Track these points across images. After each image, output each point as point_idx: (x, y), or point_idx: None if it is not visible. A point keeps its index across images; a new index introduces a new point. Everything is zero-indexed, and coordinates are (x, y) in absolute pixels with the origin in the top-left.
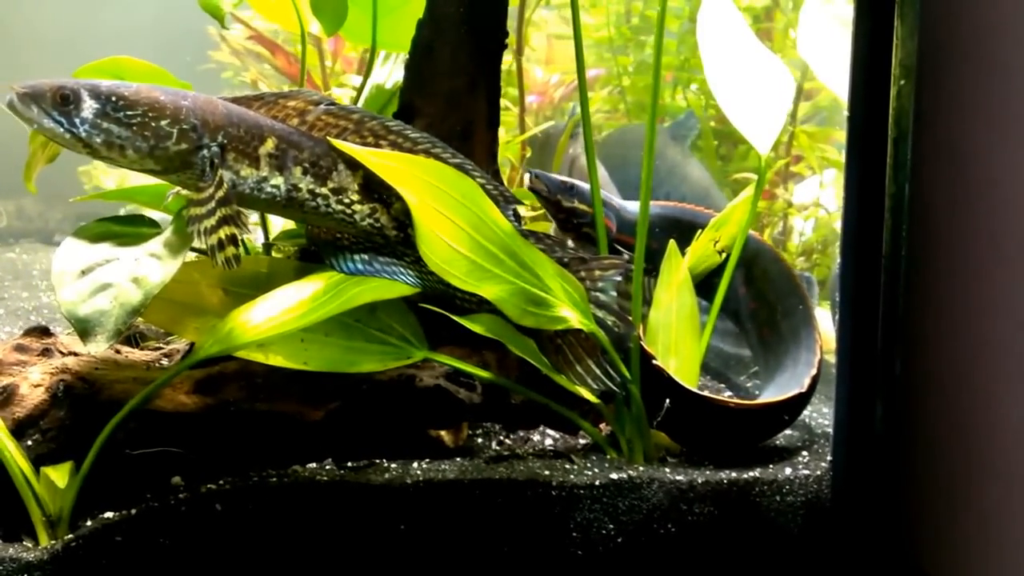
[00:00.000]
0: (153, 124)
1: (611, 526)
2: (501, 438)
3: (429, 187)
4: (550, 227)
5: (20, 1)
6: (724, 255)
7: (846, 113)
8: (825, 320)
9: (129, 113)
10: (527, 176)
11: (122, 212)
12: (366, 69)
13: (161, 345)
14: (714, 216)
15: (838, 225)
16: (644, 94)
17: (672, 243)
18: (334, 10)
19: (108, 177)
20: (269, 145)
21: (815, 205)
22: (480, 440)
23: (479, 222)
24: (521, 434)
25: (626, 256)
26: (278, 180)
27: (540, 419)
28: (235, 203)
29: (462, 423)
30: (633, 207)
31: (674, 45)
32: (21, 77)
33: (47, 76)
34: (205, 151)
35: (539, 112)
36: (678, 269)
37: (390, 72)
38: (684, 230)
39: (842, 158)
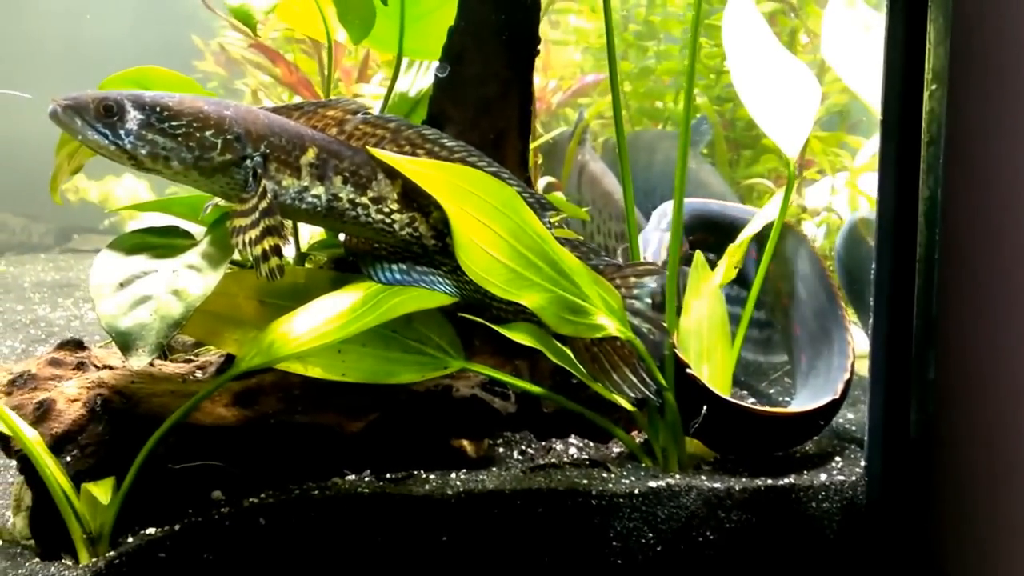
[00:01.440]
0: (198, 135)
1: (650, 535)
2: (523, 447)
3: (468, 195)
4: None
5: None
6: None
7: (879, 118)
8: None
9: (174, 124)
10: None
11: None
12: (392, 77)
13: (191, 357)
14: (749, 212)
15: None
16: (646, 99)
17: (698, 253)
18: (362, 18)
19: (92, 189)
20: (310, 155)
21: (827, 210)
22: (501, 450)
23: (518, 230)
24: (543, 443)
25: (660, 262)
26: (319, 190)
27: (571, 427)
28: (278, 214)
29: (494, 433)
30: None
31: (676, 50)
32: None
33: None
34: (248, 161)
35: (536, 118)
36: (708, 277)
37: (413, 80)
38: (724, 228)
39: (853, 162)
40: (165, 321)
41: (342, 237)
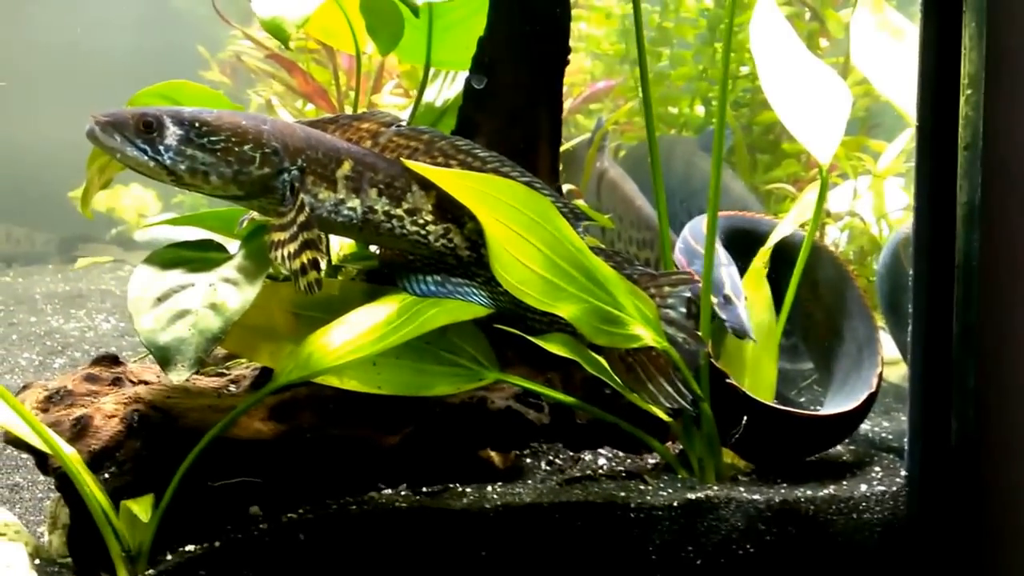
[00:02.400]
0: (236, 149)
1: (690, 548)
2: (550, 458)
3: (503, 206)
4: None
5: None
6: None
7: (914, 124)
8: None
9: (213, 139)
10: None
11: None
12: (420, 88)
13: (223, 370)
14: (775, 223)
15: (875, 232)
16: (660, 105)
17: (756, 262)
18: (390, 30)
19: (99, 198)
20: (346, 167)
21: (850, 214)
22: (528, 460)
23: (554, 241)
24: (571, 454)
25: (694, 271)
26: (355, 202)
27: (604, 439)
28: (315, 227)
29: (527, 444)
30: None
31: (689, 55)
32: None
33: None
34: (286, 175)
35: None
36: (760, 288)
37: (439, 91)
38: (750, 241)
39: (877, 167)
40: (204, 335)
41: (374, 248)
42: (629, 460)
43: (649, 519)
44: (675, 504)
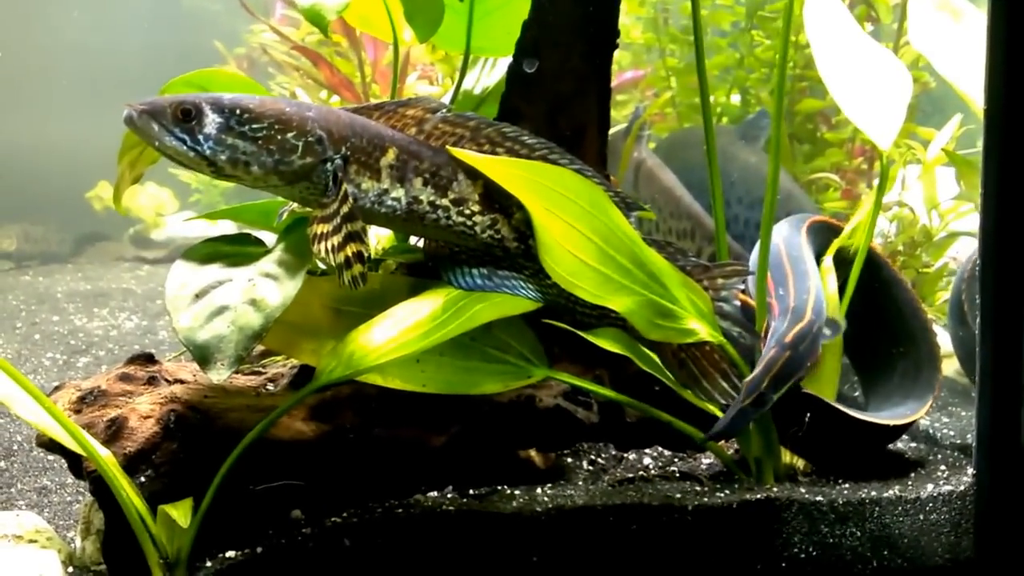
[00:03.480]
0: (279, 137)
1: (751, 552)
2: (592, 458)
3: (553, 195)
4: None
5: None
6: None
7: (982, 108)
8: None
9: (255, 127)
10: None
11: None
12: (460, 74)
13: (259, 368)
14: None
15: (925, 223)
16: (695, 95)
17: (827, 257)
18: (429, 16)
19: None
20: (390, 156)
21: (899, 204)
22: (569, 460)
23: (607, 231)
24: (613, 454)
25: (749, 262)
26: (399, 192)
27: (655, 438)
28: (359, 218)
29: (575, 444)
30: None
31: (725, 43)
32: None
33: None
34: (329, 164)
35: None
36: (830, 284)
37: (478, 78)
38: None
39: (927, 155)
40: (244, 332)
41: (414, 240)
42: (678, 460)
43: (708, 522)
44: (735, 506)
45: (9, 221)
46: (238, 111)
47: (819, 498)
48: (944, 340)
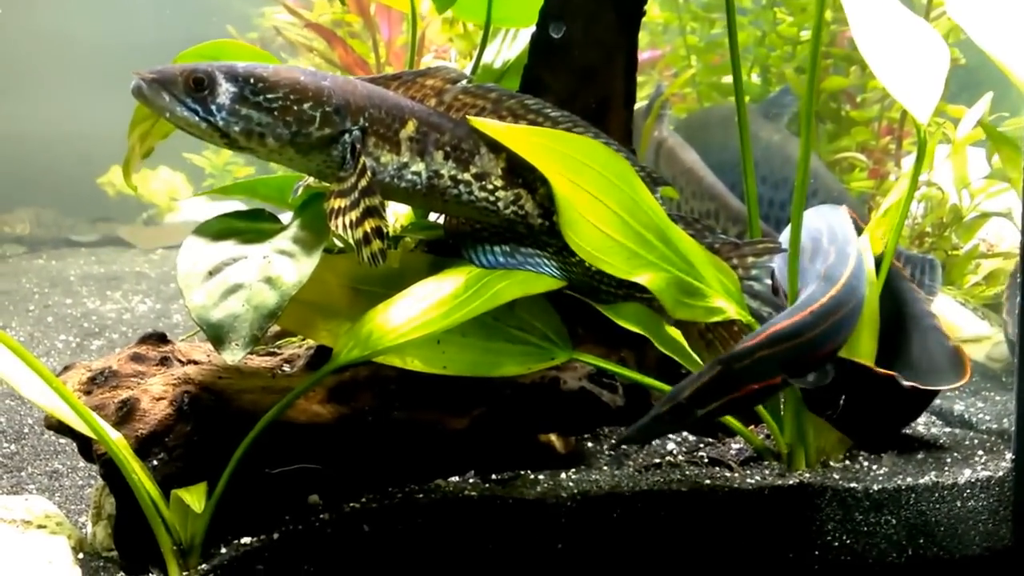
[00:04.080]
0: (295, 108)
1: (785, 540)
2: (612, 442)
3: (579, 167)
4: None
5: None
6: None
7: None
8: (948, 306)
9: (269, 96)
10: None
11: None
12: (480, 46)
13: (274, 349)
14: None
15: (955, 203)
16: (715, 74)
17: (864, 236)
18: None
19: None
20: (410, 128)
21: (928, 184)
22: (589, 444)
23: (633, 205)
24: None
25: (781, 239)
26: (419, 166)
27: None
28: (378, 193)
29: (599, 428)
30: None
31: (746, 21)
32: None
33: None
34: (347, 136)
35: None
36: (868, 263)
37: (498, 51)
38: None
39: (958, 133)
40: (259, 311)
41: (433, 217)
42: (704, 445)
43: (739, 509)
44: (767, 492)
45: (22, 205)
46: (252, 80)
47: (853, 484)
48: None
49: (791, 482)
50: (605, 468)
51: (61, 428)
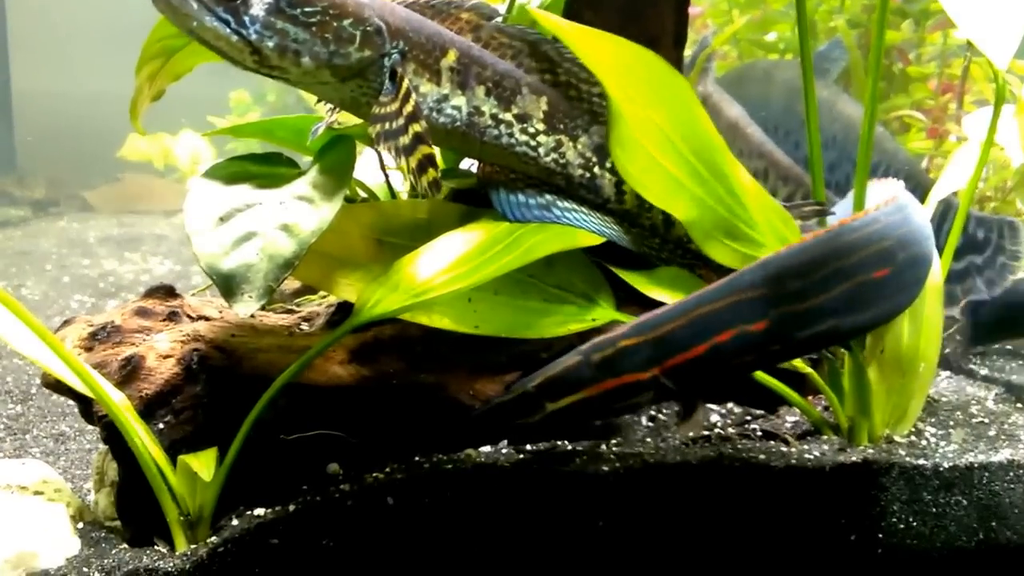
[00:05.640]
0: (335, 24)
1: (843, 520)
2: (652, 413)
3: (637, 79)
4: None
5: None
6: None
7: None
8: None
9: (307, 10)
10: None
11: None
12: None
13: (292, 307)
14: None
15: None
16: (757, 30)
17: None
18: None
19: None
20: (451, 58)
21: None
22: (626, 416)
23: (688, 131)
24: (675, 409)
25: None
26: (460, 100)
27: (730, 394)
28: (424, 119)
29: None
30: None
31: None
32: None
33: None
34: (387, 59)
35: None
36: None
37: None
38: None
39: (1022, 91)
40: (274, 261)
41: (465, 164)
42: (751, 417)
43: (797, 486)
44: (827, 469)
45: (41, 170)
46: None
47: (921, 461)
48: None
49: (854, 458)
50: (648, 440)
51: (60, 387)
